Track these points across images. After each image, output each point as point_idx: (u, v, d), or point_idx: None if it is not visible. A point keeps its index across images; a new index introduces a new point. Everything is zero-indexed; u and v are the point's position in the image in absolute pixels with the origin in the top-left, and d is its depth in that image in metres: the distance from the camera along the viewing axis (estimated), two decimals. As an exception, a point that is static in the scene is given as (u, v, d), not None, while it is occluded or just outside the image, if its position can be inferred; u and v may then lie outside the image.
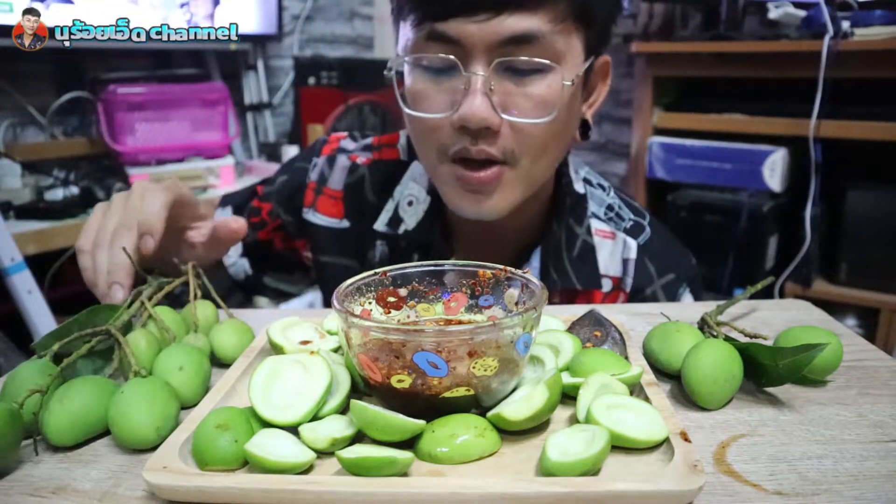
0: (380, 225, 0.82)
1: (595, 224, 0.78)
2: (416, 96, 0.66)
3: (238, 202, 0.91)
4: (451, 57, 0.61)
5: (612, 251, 0.77)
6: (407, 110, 0.67)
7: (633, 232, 0.78)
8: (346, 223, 0.85)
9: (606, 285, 0.77)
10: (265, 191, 0.89)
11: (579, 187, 0.79)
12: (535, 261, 0.76)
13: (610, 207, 0.80)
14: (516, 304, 0.47)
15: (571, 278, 0.75)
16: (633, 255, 0.77)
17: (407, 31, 0.64)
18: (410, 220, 0.80)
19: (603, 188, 0.82)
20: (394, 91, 0.68)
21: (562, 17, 0.60)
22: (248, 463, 0.38)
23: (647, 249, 0.77)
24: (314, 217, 0.85)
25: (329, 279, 0.89)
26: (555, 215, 0.76)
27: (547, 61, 0.61)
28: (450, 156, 0.65)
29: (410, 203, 0.81)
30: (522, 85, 0.62)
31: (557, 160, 0.71)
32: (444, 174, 0.67)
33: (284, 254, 0.91)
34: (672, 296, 0.77)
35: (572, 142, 0.72)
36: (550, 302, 0.74)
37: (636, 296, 0.77)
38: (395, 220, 0.81)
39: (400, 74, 0.68)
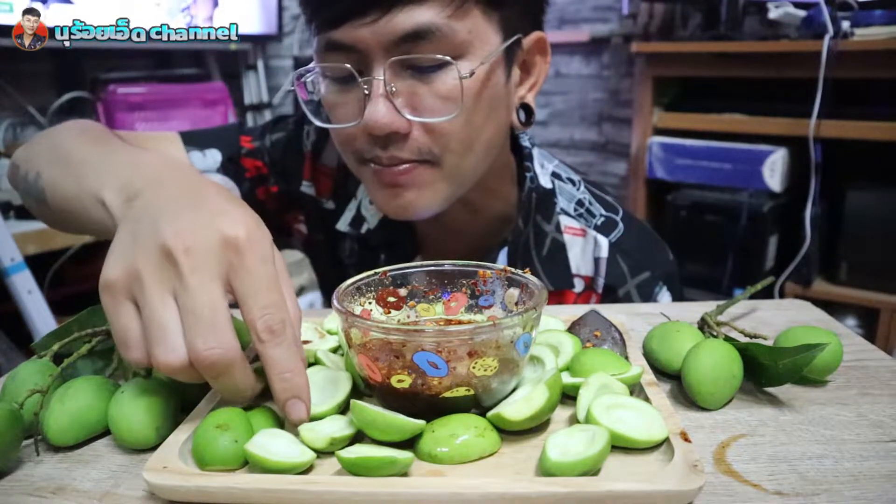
0: (342, 225, 0.79)
1: (565, 221, 0.75)
2: (328, 106, 0.64)
3: (227, 154, 0.79)
4: (347, 66, 0.58)
5: (584, 249, 0.74)
6: (316, 122, 0.65)
7: (605, 228, 0.75)
8: (331, 204, 0.81)
9: (578, 285, 0.74)
10: (256, 146, 0.81)
11: (545, 182, 0.75)
12: (502, 260, 0.73)
13: (580, 203, 0.76)
14: (516, 304, 0.47)
15: (542, 279, 0.72)
16: (604, 253, 0.73)
17: (314, 43, 0.62)
18: (373, 219, 0.77)
19: (573, 182, 0.78)
20: None
21: (459, 3, 0.57)
22: (247, 463, 0.38)
23: (620, 247, 0.73)
24: (311, 190, 0.81)
25: (318, 258, 0.86)
26: (521, 212, 0.73)
27: (442, 56, 0.57)
28: (367, 159, 0.63)
29: (372, 201, 0.77)
30: (426, 82, 0.58)
31: (490, 152, 0.66)
32: (364, 175, 0.65)
33: (274, 220, 0.83)
34: (648, 296, 0.73)
35: (515, 128, 0.69)
36: None
37: (608, 296, 0.73)
38: (358, 219, 0.78)
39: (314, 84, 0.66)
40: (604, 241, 0.74)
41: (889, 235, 1.70)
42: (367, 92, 0.58)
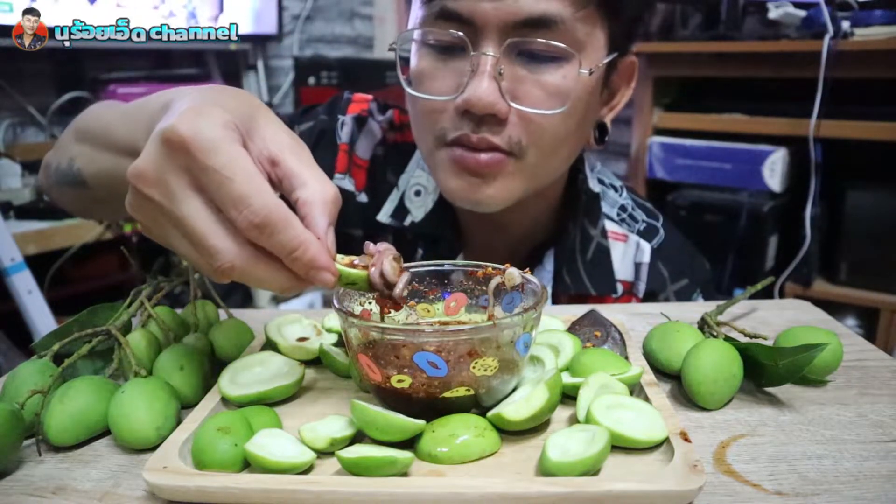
0: (384, 216, 0.75)
1: (608, 226, 0.75)
2: (419, 76, 0.61)
3: None
4: (460, 34, 0.57)
5: (624, 254, 0.74)
6: (409, 90, 0.62)
7: (647, 234, 0.75)
8: (364, 198, 0.77)
9: (618, 290, 0.74)
10: None
11: (594, 185, 0.75)
12: (549, 263, 0.73)
13: (623, 208, 0.77)
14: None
15: (585, 283, 0.72)
16: (646, 258, 0.74)
17: (416, 9, 0.61)
18: (418, 211, 0.74)
19: (615, 188, 0.79)
20: (395, 91, 0.67)
21: (584, 3, 0.56)
22: (247, 466, 0.38)
23: (661, 253, 0.74)
24: (347, 184, 0.76)
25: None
26: (570, 215, 0.73)
27: (565, 47, 0.56)
28: (447, 141, 0.60)
29: (418, 193, 0.74)
30: (535, 72, 0.58)
31: (569, 160, 0.67)
32: (440, 158, 0.62)
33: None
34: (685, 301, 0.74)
35: (587, 145, 0.69)
36: (557, 304, 0.73)
37: (648, 301, 0.74)
38: (401, 210, 0.75)
39: (405, 56, 0.64)
40: (646, 247, 0.74)
41: (889, 235, 1.70)
42: (471, 68, 0.57)
